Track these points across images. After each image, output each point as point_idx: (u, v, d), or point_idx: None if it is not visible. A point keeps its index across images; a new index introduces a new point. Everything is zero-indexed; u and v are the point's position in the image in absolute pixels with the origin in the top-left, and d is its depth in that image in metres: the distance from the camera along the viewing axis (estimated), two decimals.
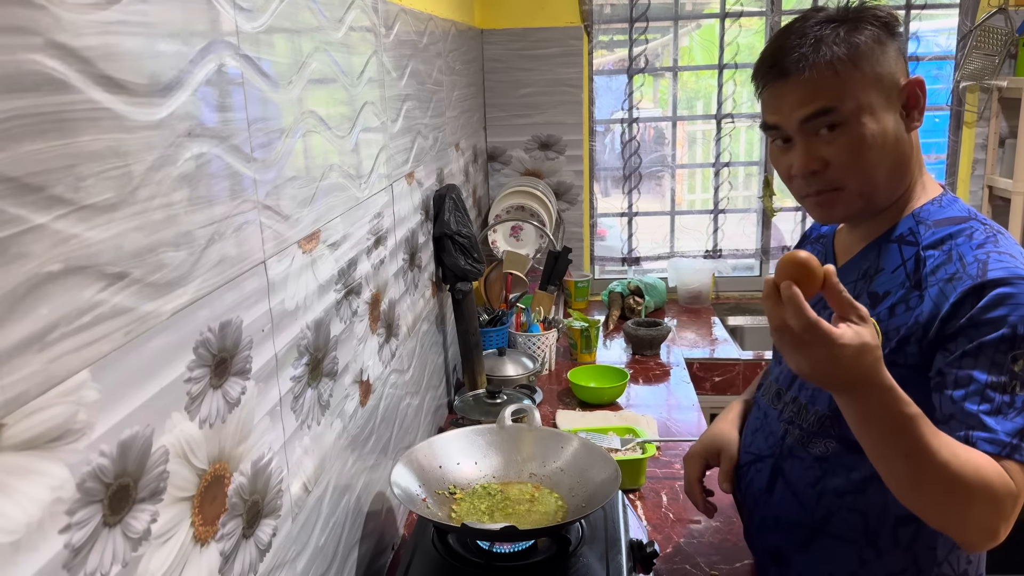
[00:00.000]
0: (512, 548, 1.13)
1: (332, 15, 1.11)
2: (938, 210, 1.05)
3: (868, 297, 1.05)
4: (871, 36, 1.01)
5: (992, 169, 2.89)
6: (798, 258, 0.86)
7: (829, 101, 1.00)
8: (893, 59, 1.01)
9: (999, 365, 0.91)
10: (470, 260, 1.82)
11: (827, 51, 1.00)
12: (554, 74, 2.92)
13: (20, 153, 0.48)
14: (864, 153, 1.01)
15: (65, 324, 0.52)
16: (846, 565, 1.09)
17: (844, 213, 1.07)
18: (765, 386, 1.24)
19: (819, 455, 1.08)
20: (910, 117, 1.03)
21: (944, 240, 1.01)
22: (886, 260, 1.05)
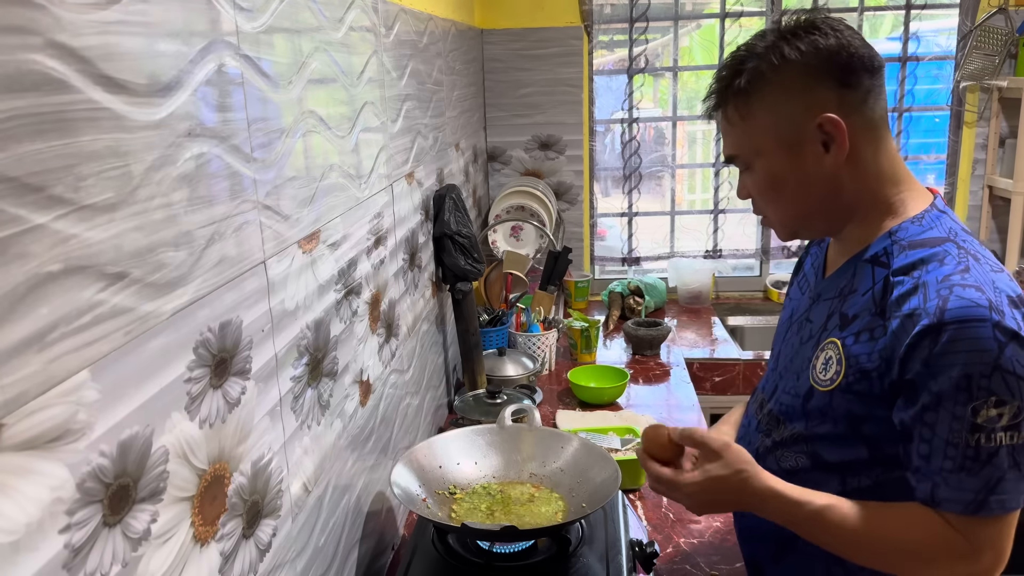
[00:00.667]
0: (512, 548, 1.13)
1: (332, 15, 1.11)
2: (916, 230, 1.00)
3: (839, 317, 1.03)
4: (769, 79, 0.99)
5: (992, 169, 2.89)
6: (646, 432, 1.10)
7: (732, 150, 1.07)
8: (802, 94, 0.99)
9: (959, 419, 0.88)
10: (470, 260, 1.82)
11: (726, 103, 1.04)
12: (554, 74, 2.92)
13: (20, 153, 0.48)
14: (767, 192, 1.05)
15: (65, 324, 0.52)
16: None
17: (780, 234, 1.12)
18: (756, 392, 1.24)
19: (788, 469, 1.07)
20: (830, 152, 0.99)
21: (916, 265, 0.96)
22: (859, 281, 1.02)
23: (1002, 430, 0.87)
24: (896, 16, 2.92)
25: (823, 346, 1.03)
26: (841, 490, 1.00)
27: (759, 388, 1.22)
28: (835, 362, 1.00)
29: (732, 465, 0.98)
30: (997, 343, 0.87)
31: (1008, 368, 0.87)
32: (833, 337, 1.02)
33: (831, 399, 1.00)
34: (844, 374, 0.98)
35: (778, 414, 1.10)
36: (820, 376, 1.02)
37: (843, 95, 0.98)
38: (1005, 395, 0.87)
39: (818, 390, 1.02)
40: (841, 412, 1.00)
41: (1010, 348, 0.87)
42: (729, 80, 1.03)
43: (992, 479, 0.88)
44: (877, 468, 0.99)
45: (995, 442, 0.88)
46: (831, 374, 1.00)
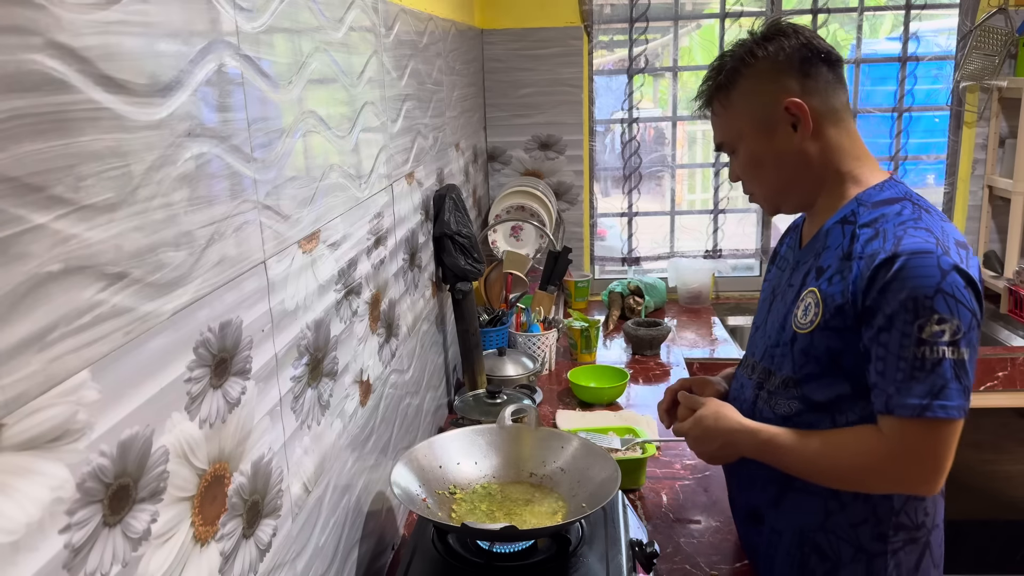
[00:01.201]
0: (512, 548, 1.13)
1: (332, 15, 1.11)
2: (877, 193, 1.18)
3: (815, 272, 1.19)
4: (745, 73, 1.20)
5: (992, 169, 2.89)
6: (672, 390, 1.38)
7: (720, 137, 1.28)
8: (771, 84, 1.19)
9: (908, 335, 1.04)
10: (470, 260, 1.82)
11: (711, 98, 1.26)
12: (554, 74, 2.92)
13: (20, 153, 0.48)
14: (752, 169, 1.25)
15: (65, 324, 0.52)
16: (814, 517, 1.21)
17: (766, 208, 1.31)
18: (742, 361, 1.38)
19: (784, 415, 1.20)
20: (798, 132, 1.18)
21: (877, 219, 1.14)
22: (831, 239, 1.19)
23: (945, 344, 1.03)
24: (896, 16, 2.92)
25: (802, 296, 1.20)
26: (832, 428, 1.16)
27: (748, 354, 1.35)
28: (813, 306, 1.16)
29: (709, 408, 1.25)
30: (940, 271, 1.04)
31: (948, 292, 1.03)
32: (811, 287, 1.18)
33: (812, 339, 1.16)
34: (822, 314, 1.14)
35: (768, 366, 1.25)
36: (801, 321, 1.18)
37: (805, 83, 1.18)
38: (946, 314, 1.03)
39: (800, 333, 1.18)
40: (822, 349, 1.15)
41: (951, 276, 1.04)
42: (712, 79, 1.25)
43: (936, 386, 1.04)
44: (860, 402, 1.13)
45: (939, 355, 1.03)
46: (811, 317, 1.16)
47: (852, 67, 2.94)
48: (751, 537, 1.33)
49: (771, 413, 1.22)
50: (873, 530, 1.18)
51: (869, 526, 1.18)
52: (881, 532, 1.18)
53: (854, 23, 2.90)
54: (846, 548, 1.19)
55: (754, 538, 1.32)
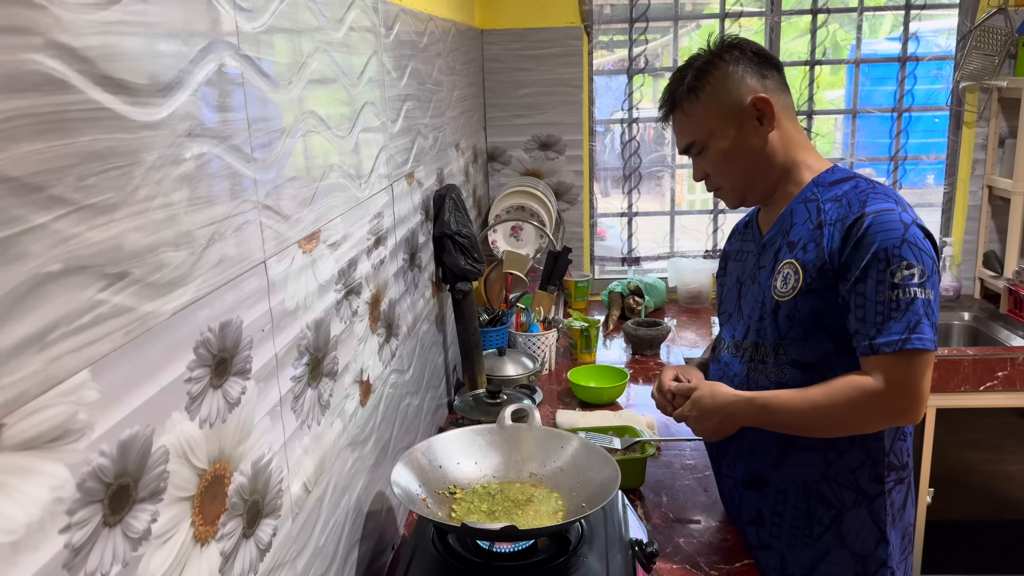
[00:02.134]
0: (512, 548, 1.13)
1: (332, 15, 1.11)
2: (830, 175, 1.34)
3: (787, 247, 1.32)
4: (713, 74, 1.32)
5: (992, 169, 2.89)
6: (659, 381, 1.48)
7: (689, 137, 1.38)
8: (738, 84, 1.31)
9: (882, 282, 1.18)
10: (470, 260, 1.82)
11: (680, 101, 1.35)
12: (554, 74, 2.92)
13: (20, 153, 0.48)
14: (722, 163, 1.36)
15: (65, 324, 0.52)
16: (815, 470, 1.33)
17: (732, 202, 1.42)
18: (720, 346, 1.48)
19: (779, 381, 1.32)
20: (764, 125, 1.32)
21: (837, 194, 1.28)
22: (797, 216, 1.33)
23: (915, 286, 1.18)
24: (896, 16, 2.92)
25: (779, 269, 1.32)
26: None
27: (725, 338, 1.45)
28: (792, 274, 1.29)
29: (705, 388, 1.36)
30: (903, 224, 1.19)
31: (912, 241, 1.19)
32: (786, 260, 1.30)
33: (795, 304, 1.28)
34: (803, 279, 1.27)
35: (756, 340, 1.36)
36: (781, 290, 1.30)
37: (764, 83, 1.33)
38: (912, 260, 1.18)
39: (782, 301, 1.30)
40: (807, 311, 1.27)
41: (912, 228, 1.20)
42: (679, 84, 1.35)
43: (912, 322, 1.18)
44: (845, 357, 1.26)
45: (911, 295, 1.18)
46: (792, 284, 1.28)
47: (852, 67, 2.94)
48: (753, 503, 1.40)
49: (766, 382, 1.34)
50: (870, 472, 1.31)
51: (866, 468, 1.31)
52: (877, 473, 1.31)
53: (854, 23, 2.90)
54: (848, 493, 1.31)
55: (757, 503, 1.39)
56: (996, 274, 2.88)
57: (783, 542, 1.37)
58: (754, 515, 1.40)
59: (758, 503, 1.39)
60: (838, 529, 1.33)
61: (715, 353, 1.51)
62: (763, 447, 1.36)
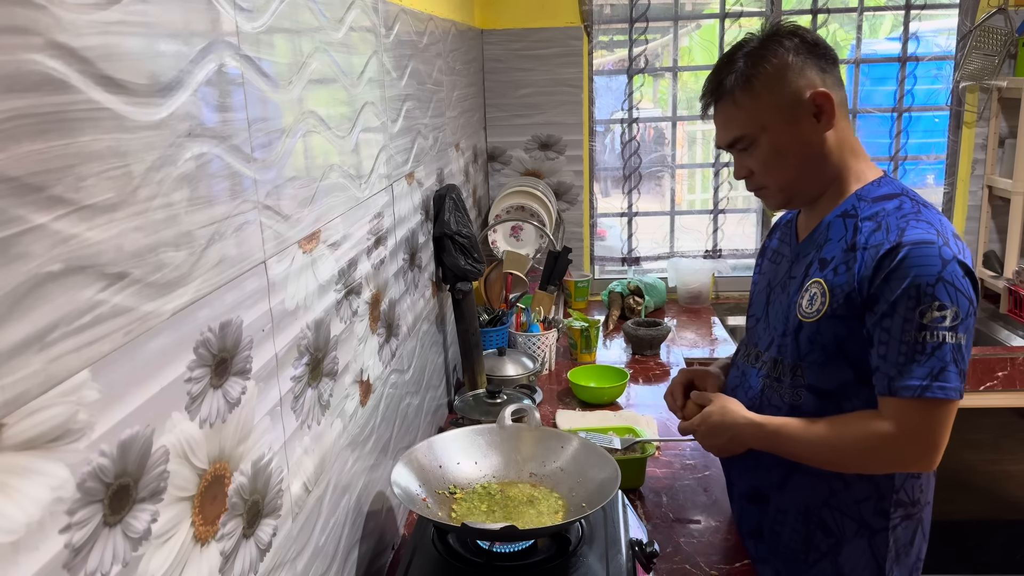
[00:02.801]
0: (512, 548, 1.13)
1: (332, 15, 1.11)
2: (875, 189, 1.24)
3: (819, 263, 1.24)
4: (771, 63, 1.21)
5: (992, 169, 2.89)
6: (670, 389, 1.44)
7: (736, 131, 1.25)
8: (797, 76, 1.20)
9: (910, 320, 1.10)
10: (470, 260, 1.82)
11: (731, 89, 1.23)
12: (554, 74, 2.92)
13: (20, 153, 0.48)
14: (772, 161, 1.24)
15: (65, 324, 0.52)
16: (819, 496, 1.27)
17: (777, 203, 1.32)
18: (742, 351, 1.41)
19: (793, 403, 1.26)
20: (821, 123, 1.21)
21: (878, 213, 1.19)
22: (833, 232, 1.24)
23: (945, 330, 1.09)
24: (896, 16, 2.92)
25: (807, 287, 1.24)
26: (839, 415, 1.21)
27: (749, 344, 1.38)
28: (819, 295, 1.21)
29: (715, 405, 1.29)
30: (942, 261, 1.10)
31: (949, 280, 1.09)
32: (815, 278, 1.23)
33: (818, 327, 1.20)
34: (829, 303, 1.19)
35: (776, 356, 1.29)
36: (806, 310, 1.23)
37: (824, 77, 1.22)
38: (946, 301, 1.09)
39: (806, 322, 1.23)
40: (829, 337, 1.20)
41: (951, 265, 1.10)
42: (728, 74, 1.23)
43: (936, 368, 1.10)
44: (864, 388, 1.19)
45: (939, 339, 1.09)
46: (817, 306, 1.21)
47: (852, 67, 2.94)
48: (753, 517, 1.36)
49: (780, 401, 1.27)
50: (876, 506, 1.24)
51: (872, 502, 1.24)
52: (883, 508, 1.24)
53: (854, 23, 2.90)
54: (850, 524, 1.26)
55: (756, 518, 1.36)
56: (996, 274, 2.88)
57: (780, 559, 1.33)
58: (753, 527, 1.37)
59: (758, 517, 1.36)
60: (835, 559, 1.28)
61: (736, 356, 1.45)
62: (767, 465, 1.31)
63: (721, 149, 1.32)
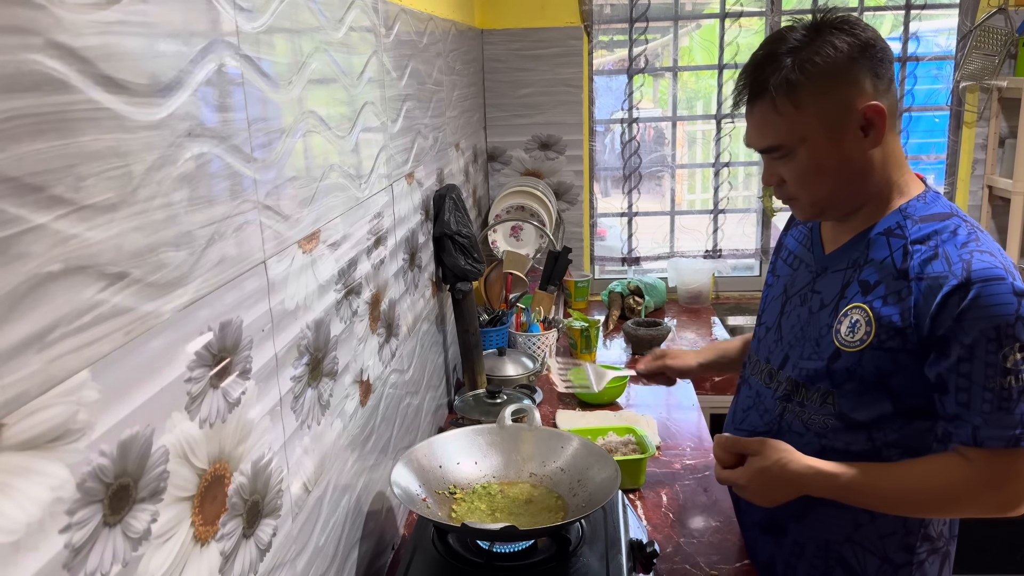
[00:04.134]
0: (512, 548, 1.13)
1: (332, 15, 1.11)
2: (923, 207, 1.13)
3: (859, 285, 1.14)
4: (820, 68, 1.07)
5: (992, 169, 2.89)
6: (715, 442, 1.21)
7: (774, 140, 1.12)
8: (847, 84, 1.07)
9: (992, 365, 1.01)
10: (470, 260, 1.82)
11: (772, 89, 1.09)
12: (554, 74, 2.92)
13: (20, 153, 0.48)
14: (808, 176, 1.13)
15: (65, 324, 0.52)
16: (841, 530, 1.19)
17: (807, 215, 1.20)
18: (753, 364, 1.31)
19: (818, 431, 1.16)
20: (869, 138, 1.09)
21: (930, 236, 1.09)
22: (875, 251, 1.14)
23: None
24: (896, 16, 2.92)
25: (846, 312, 1.13)
26: (870, 446, 1.13)
27: (760, 359, 1.29)
28: (863, 324, 1.11)
29: (770, 456, 1.12)
30: (1016, 298, 1.01)
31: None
32: (857, 303, 1.12)
33: (861, 358, 1.11)
34: (875, 333, 1.09)
35: (798, 379, 1.19)
36: (847, 338, 1.13)
37: (876, 84, 1.09)
38: None
39: (846, 351, 1.12)
40: (870, 369, 1.10)
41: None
42: (771, 73, 1.09)
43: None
44: (899, 420, 1.11)
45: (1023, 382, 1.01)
46: (860, 335, 1.11)
47: None
48: (768, 548, 1.29)
49: (802, 428, 1.18)
50: (901, 541, 1.17)
51: (897, 538, 1.17)
52: (909, 543, 1.17)
53: None
54: (872, 560, 1.19)
55: (771, 549, 1.28)
56: None
57: None
58: (767, 561, 1.29)
59: (772, 550, 1.27)
60: None
61: (744, 373, 1.35)
62: None
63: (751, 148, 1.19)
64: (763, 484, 1.13)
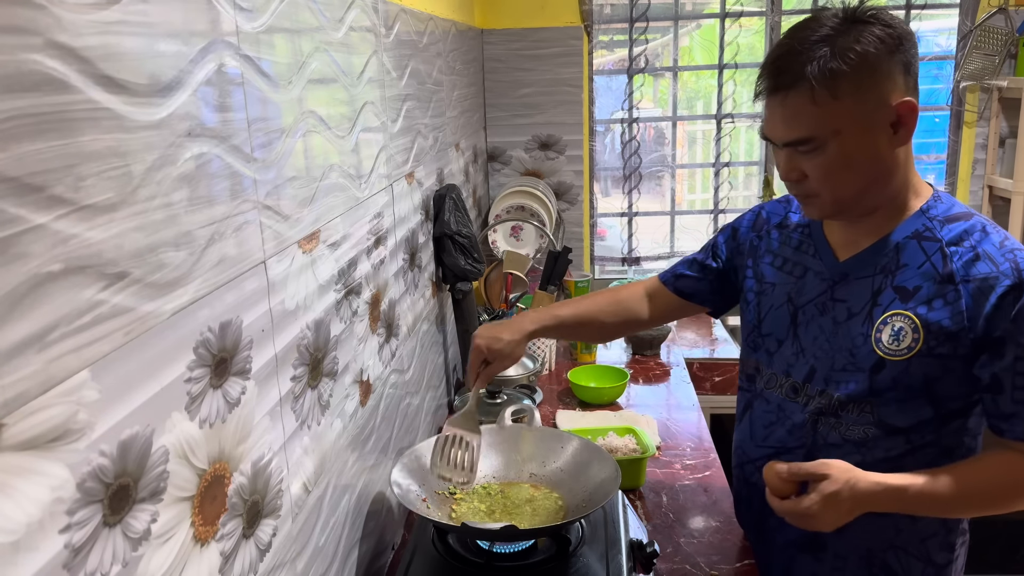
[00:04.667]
0: (512, 548, 1.13)
1: (332, 15, 1.11)
2: (943, 207, 1.12)
3: (896, 291, 1.10)
4: (860, 59, 1.02)
5: (992, 169, 2.89)
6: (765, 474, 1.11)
7: (807, 131, 1.05)
8: (884, 78, 1.03)
9: None
10: (470, 260, 1.82)
11: (811, 77, 1.02)
12: (554, 74, 2.92)
13: (20, 153, 0.48)
14: (836, 172, 1.07)
15: (65, 324, 0.52)
16: (884, 537, 1.17)
17: (823, 214, 1.15)
18: (766, 379, 1.25)
19: (858, 440, 1.14)
20: (898, 135, 1.06)
21: (962, 237, 1.08)
22: (907, 256, 1.10)
23: None
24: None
25: (884, 319, 1.10)
26: (908, 448, 1.12)
27: (777, 372, 1.23)
28: (910, 331, 1.08)
29: (839, 478, 1.05)
30: None
31: None
32: (897, 310, 1.09)
33: (908, 366, 1.08)
34: (924, 340, 1.07)
35: (834, 392, 1.14)
36: (890, 347, 1.09)
37: (907, 80, 1.06)
38: None
39: (891, 360, 1.09)
40: (918, 376, 1.08)
41: None
42: (807, 60, 1.02)
43: None
44: (938, 422, 1.11)
45: None
46: (907, 343, 1.08)
47: None
48: (808, 566, 1.24)
49: (838, 438, 1.15)
50: (943, 540, 1.18)
51: (939, 538, 1.17)
52: (949, 542, 1.18)
53: None
54: (915, 564, 1.18)
55: (811, 567, 1.23)
56: None
57: None
58: None
59: (813, 568, 1.23)
60: None
61: (753, 387, 1.28)
62: None
63: (769, 141, 1.12)
64: (835, 507, 1.05)
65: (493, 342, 1.27)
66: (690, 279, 1.40)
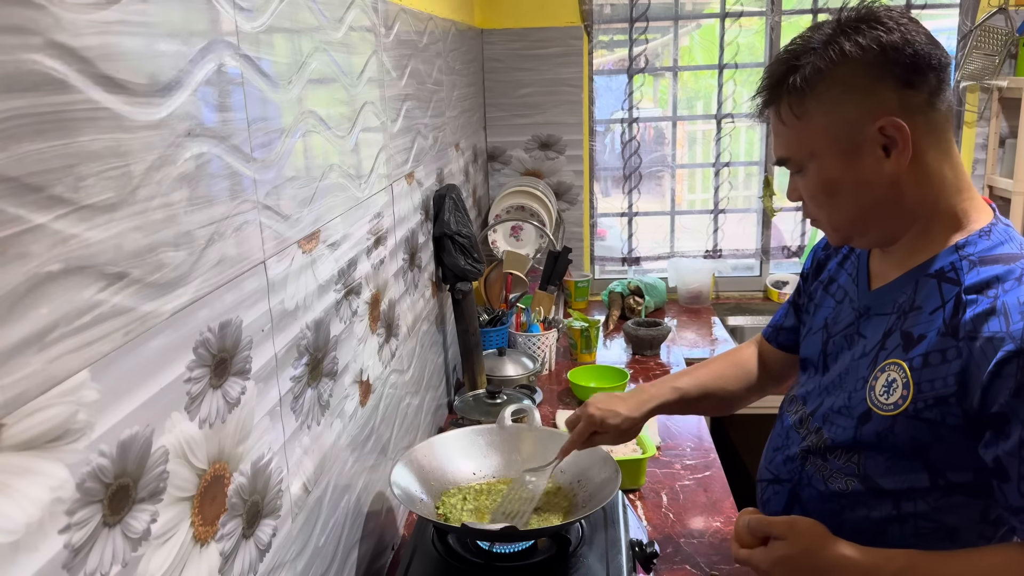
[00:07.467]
0: (512, 548, 1.13)
1: (332, 15, 1.11)
2: (987, 244, 0.94)
3: (901, 336, 0.97)
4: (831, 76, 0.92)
5: (992, 169, 2.89)
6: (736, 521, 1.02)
7: (784, 151, 1.00)
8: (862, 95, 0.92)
9: None
10: (470, 260, 1.82)
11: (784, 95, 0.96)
12: (554, 74, 2.92)
13: (20, 153, 0.48)
14: (821, 196, 0.99)
15: (65, 324, 0.52)
16: None
17: (833, 240, 1.06)
18: (790, 400, 1.17)
19: (838, 491, 1.02)
20: (891, 158, 0.93)
21: (990, 283, 0.89)
22: (923, 298, 0.96)
23: None
24: None
25: (883, 367, 0.97)
26: (895, 514, 0.98)
27: (798, 395, 1.14)
28: (900, 386, 0.94)
29: (796, 544, 0.93)
30: None
31: None
32: (896, 358, 0.96)
33: (893, 424, 0.94)
34: (912, 399, 0.92)
35: (825, 431, 1.04)
36: (881, 399, 0.96)
37: (906, 96, 0.92)
38: None
39: (877, 414, 0.96)
40: (904, 438, 0.94)
41: None
42: (783, 77, 0.96)
43: None
44: (936, 493, 0.95)
45: None
46: (895, 398, 0.94)
47: None
48: None
49: (822, 485, 1.04)
50: None
51: None
52: None
53: None
54: None
55: None
56: None
57: None
58: None
59: None
60: None
61: (783, 404, 1.19)
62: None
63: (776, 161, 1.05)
64: (788, 569, 0.94)
65: (610, 416, 1.19)
66: (788, 331, 1.27)
